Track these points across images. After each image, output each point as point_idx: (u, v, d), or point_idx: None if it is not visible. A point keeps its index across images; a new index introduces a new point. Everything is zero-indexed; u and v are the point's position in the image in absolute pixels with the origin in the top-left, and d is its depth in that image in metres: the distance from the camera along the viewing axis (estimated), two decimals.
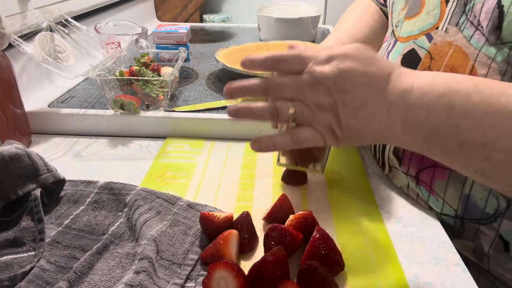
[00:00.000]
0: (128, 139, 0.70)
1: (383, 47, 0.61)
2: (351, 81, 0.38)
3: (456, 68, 0.45)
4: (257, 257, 0.43)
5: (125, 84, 0.71)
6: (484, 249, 0.48)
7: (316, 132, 0.40)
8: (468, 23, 0.44)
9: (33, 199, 0.48)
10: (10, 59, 0.63)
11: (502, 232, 0.46)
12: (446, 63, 0.46)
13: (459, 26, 0.45)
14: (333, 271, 0.41)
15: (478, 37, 0.43)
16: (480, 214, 0.47)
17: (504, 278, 0.48)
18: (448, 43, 0.46)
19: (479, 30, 0.43)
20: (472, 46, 0.44)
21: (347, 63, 0.38)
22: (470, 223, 0.48)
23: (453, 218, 0.50)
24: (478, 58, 0.43)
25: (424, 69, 0.48)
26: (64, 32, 0.81)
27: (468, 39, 0.44)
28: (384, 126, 0.38)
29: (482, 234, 0.48)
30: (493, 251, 0.47)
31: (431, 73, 0.40)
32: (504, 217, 0.46)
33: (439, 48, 0.47)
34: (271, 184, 0.57)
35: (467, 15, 0.45)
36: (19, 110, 0.65)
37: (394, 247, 0.46)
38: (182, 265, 0.42)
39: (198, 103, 0.75)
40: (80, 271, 0.40)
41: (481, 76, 0.43)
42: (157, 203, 0.50)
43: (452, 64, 0.46)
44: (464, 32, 0.45)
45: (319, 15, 1.22)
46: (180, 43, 1.02)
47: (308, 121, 0.40)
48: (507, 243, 0.47)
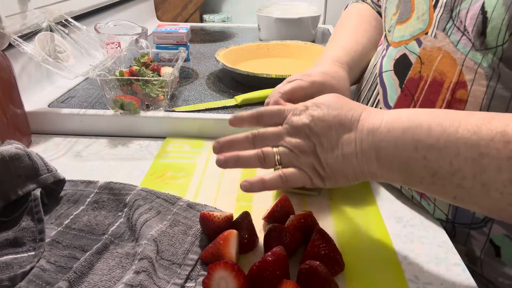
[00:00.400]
0: (128, 139, 0.70)
1: (378, 50, 0.61)
2: (324, 125, 0.42)
3: (445, 72, 0.46)
4: (257, 257, 0.43)
5: (125, 84, 0.71)
6: (476, 253, 0.48)
7: (302, 173, 0.42)
8: (455, 29, 0.45)
9: (33, 199, 0.48)
10: (10, 59, 0.63)
11: (492, 237, 0.47)
12: (435, 68, 0.47)
13: (446, 31, 0.46)
14: (333, 271, 0.41)
15: (465, 42, 0.44)
16: (470, 219, 0.47)
17: (498, 283, 0.47)
18: (437, 48, 0.47)
19: (465, 36, 0.44)
20: (459, 51, 0.45)
21: (319, 110, 0.42)
22: (461, 228, 0.48)
23: (444, 222, 0.50)
24: (465, 63, 0.44)
25: (415, 74, 0.49)
26: (64, 32, 0.81)
27: (455, 44, 0.45)
28: (361, 163, 0.40)
29: (473, 239, 0.48)
30: (485, 256, 0.48)
31: (397, 110, 0.42)
32: (494, 222, 0.46)
33: (429, 53, 0.48)
34: None
35: (454, 21, 0.45)
36: (19, 110, 0.65)
37: (394, 247, 0.46)
38: (182, 265, 0.42)
39: (198, 103, 0.75)
40: (80, 271, 0.40)
41: (468, 81, 0.44)
42: (157, 203, 0.50)
43: (441, 69, 0.46)
44: (451, 37, 0.46)
45: (319, 15, 1.22)
46: (180, 43, 1.02)
47: (293, 164, 0.43)
48: (498, 248, 0.47)
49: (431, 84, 0.47)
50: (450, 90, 0.46)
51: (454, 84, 0.45)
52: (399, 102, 0.52)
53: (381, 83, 0.55)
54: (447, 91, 0.46)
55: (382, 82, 0.55)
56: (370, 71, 0.61)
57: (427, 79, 0.48)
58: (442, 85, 0.46)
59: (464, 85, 0.44)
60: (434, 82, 0.47)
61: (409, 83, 0.50)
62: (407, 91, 0.50)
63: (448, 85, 0.46)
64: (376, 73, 0.58)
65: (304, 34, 1.19)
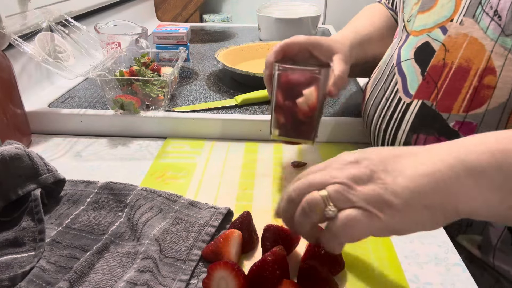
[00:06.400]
0: (128, 139, 0.70)
1: (394, 43, 0.61)
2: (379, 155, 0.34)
3: (471, 59, 0.46)
4: (257, 257, 0.43)
5: (125, 84, 0.71)
6: (492, 242, 0.48)
7: (363, 212, 0.32)
8: (484, 14, 0.45)
9: (33, 199, 0.48)
10: (10, 59, 0.63)
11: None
12: (462, 55, 0.47)
13: (475, 18, 0.46)
14: (333, 271, 0.41)
15: (494, 28, 0.44)
16: None
17: (509, 275, 0.48)
18: (463, 35, 0.47)
19: (494, 21, 0.44)
20: (489, 37, 0.45)
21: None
22: None
23: None
24: (494, 49, 0.44)
25: (438, 61, 0.49)
26: (64, 32, 0.81)
27: (485, 30, 0.45)
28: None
29: (490, 227, 0.48)
30: (501, 244, 0.48)
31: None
32: None
33: (454, 40, 0.48)
34: (271, 184, 0.57)
35: (483, 7, 0.45)
36: (19, 110, 0.65)
37: (394, 247, 0.46)
38: (186, 261, 0.42)
39: (198, 103, 0.75)
40: (80, 271, 0.40)
41: (497, 67, 0.44)
42: (158, 201, 0.50)
43: (468, 55, 0.46)
44: (480, 23, 0.45)
45: (319, 15, 1.22)
46: (180, 43, 1.02)
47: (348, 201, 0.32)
48: None
49: (456, 71, 0.47)
50: (478, 76, 0.45)
51: (482, 71, 0.45)
52: (421, 90, 0.51)
53: (399, 73, 0.55)
54: (474, 78, 0.46)
55: (401, 71, 0.55)
56: (386, 62, 0.61)
57: (452, 66, 0.48)
58: (468, 72, 0.46)
59: (493, 71, 0.44)
60: (459, 68, 0.47)
61: (432, 71, 0.50)
62: (429, 79, 0.50)
63: (475, 71, 0.46)
64: (393, 64, 0.58)
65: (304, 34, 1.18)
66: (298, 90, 0.53)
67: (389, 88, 0.58)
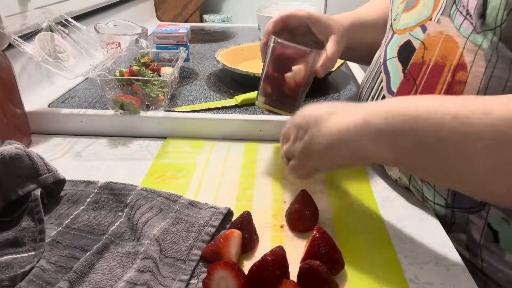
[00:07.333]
0: (128, 139, 0.70)
1: (382, 42, 0.62)
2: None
3: (446, 56, 0.47)
4: (257, 257, 0.43)
5: (125, 84, 0.71)
6: (476, 239, 0.49)
7: (298, 162, 0.49)
8: (458, 13, 0.47)
9: (33, 199, 0.48)
10: (10, 59, 0.63)
11: (490, 221, 0.47)
12: (438, 52, 0.48)
13: (451, 17, 0.48)
14: (333, 271, 0.41)
15: (466, 26, 0.46)
16: (468, 203, 0.48)
17: (497, 277, 0.48)
18: (439, 33, 0.48)
19: (467, 19, 0.45)
20: (461, 34, 0.46)
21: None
22: (460, 212, 0.49)
23: (444, 208, 0.50)
24: (466, 45, 0.45)
25: (417, 59, 0.51)
26: (64, 32, 0.81)
27: (458, 28, 0.46)
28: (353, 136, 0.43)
29: (472, 224, 0.48)
30: (484, 240, 0.48)
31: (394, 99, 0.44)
32: (491, 204, 0.47)
33: (432, 38, 0.49)
34: (271, 184, 0.57)
35: (457, 5, 0.47)
36: (19, 110, 0.65)
37: (394, 247, 0.46)
38: (186, 261, 0.42)
39: (198, 103, 0.75)
40: (80, 271, 0.40)
41: (468, 63, 0.45)
42: (158, 201, 0.50)
43: (443, 52, 0.48)
44: (454, 21, 0.47)
45: None
46: (180, 43, 1.02)
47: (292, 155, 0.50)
48: (496, 233, 0.47)
49: (433, 68, 0.48)
50: (451, 72, 0.47)
51: (455, 67, 0.46)
52: (402, 87, 0.52)
53: (385, 71, 0.56)
54: (448, 74, 0.47)
55: (386, 69, 0.56)
56: (374, 62, 0.62)
57: (429, 63, 0.49)
58: (443, 68, 0.47)
59: (464, 67, 0.46)
60: (436, 65, 0.48)
61: (412, 68, 0.51)
62: (409, 76, 0.51)
63: (449, 68, 0.47)
64: (380, 62, 0.59)
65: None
66: (288, 65, 0.57)
67: (375, 86, 0.59)
